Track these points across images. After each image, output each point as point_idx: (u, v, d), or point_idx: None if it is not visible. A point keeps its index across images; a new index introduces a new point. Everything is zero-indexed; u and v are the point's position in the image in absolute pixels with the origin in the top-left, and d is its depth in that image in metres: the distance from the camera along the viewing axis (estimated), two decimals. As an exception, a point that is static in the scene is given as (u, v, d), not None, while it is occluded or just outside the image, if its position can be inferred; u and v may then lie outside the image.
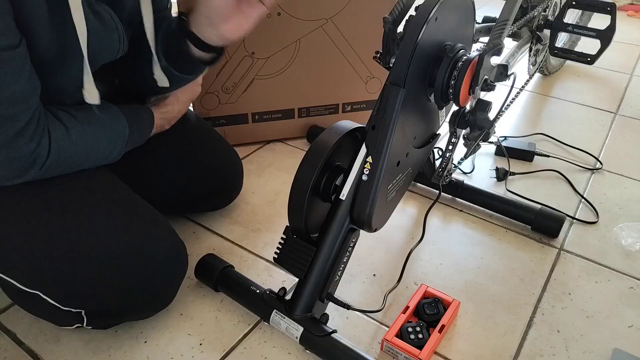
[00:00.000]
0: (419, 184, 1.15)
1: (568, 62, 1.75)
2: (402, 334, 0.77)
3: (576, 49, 1.47)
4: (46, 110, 0.66)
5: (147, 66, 0.77)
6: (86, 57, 0.65)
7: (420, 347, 0.75)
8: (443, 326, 0.78)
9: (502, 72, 0.82)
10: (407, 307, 0.81)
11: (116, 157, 0.76)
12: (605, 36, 1.26)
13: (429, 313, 0.81)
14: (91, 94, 0.68)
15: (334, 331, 0.75)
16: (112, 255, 0.70)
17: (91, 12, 0.66)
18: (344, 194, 0.73)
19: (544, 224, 1.00)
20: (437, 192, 1.07)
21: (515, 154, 1.25)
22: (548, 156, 1.26)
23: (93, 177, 0.74)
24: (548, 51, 1.33)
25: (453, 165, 1.01)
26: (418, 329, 0.77)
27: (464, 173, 1.21)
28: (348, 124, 0.75)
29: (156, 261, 0.74)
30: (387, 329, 0.81)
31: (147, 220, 0.75)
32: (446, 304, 0.83)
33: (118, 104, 0.77)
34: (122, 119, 0.75)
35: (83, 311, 0.73)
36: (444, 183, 1.00)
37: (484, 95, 0.82)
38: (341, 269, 0.77)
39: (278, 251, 0.77)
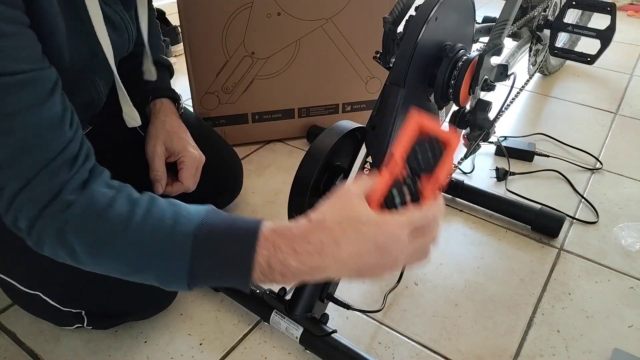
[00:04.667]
0: (419, 184, 1.15)
1: (568, 62, 1.74)
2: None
3: (576, 49, 1.47)
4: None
5: (137, 59, 0.79)
6: (117, 75, 0.64)
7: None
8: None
9: (502, 72, 0.82)
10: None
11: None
12: (605, 36, 1.26)
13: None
14: (132, 117, 0.67)
15: (334, 331, 0.75)
16: None
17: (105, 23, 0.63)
18: (344, 194, 0.72)
19: (544, 224, 1.00)
20: (437, 192, 1.07)
21: (515, 154, 1.25)
22: (548, 156, 1.26)
23: None
24: (548, 51, 1.33)
25: (453, 165, 1.01)
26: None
27: (464, 173, 1.21)
28: (348, 124, 0.74)
29: None
30: (387, 329, 0.81)
31: None
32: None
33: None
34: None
35: (83, 311, 0.73)
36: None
37: (484, 95, 0.82)
38: (341, 269, 0.77)
39: (278, 251, 0.77)
